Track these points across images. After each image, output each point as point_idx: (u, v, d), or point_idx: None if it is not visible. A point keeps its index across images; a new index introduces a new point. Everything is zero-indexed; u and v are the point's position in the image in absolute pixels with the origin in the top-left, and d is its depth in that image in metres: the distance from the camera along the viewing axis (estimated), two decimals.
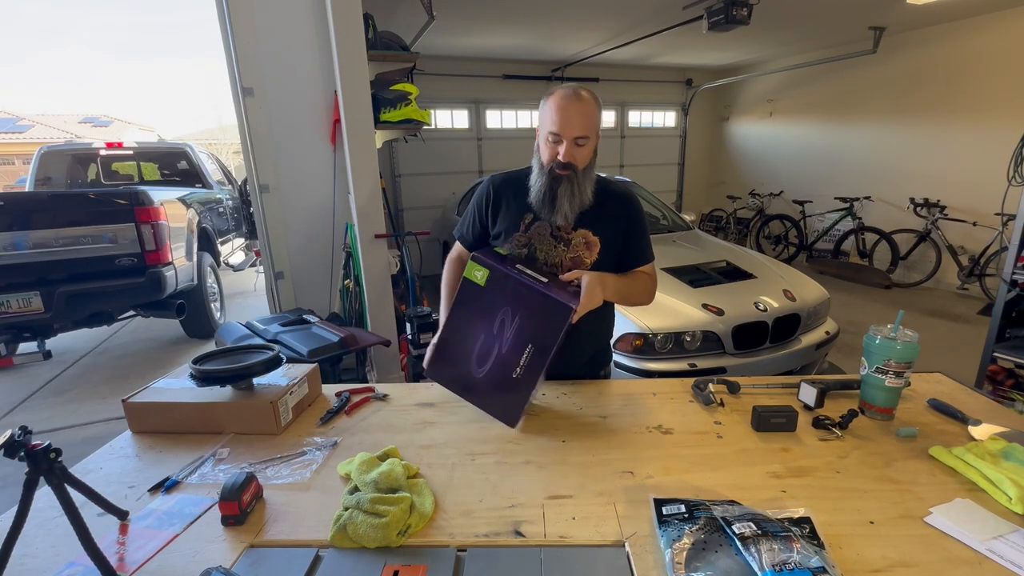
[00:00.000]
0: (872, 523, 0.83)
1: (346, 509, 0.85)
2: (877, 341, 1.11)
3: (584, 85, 1.26)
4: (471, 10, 4.51)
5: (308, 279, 3.45)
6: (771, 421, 1.10)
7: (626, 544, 0.79)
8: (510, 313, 1.10)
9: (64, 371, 3.89)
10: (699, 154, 8.84)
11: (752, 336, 2.53)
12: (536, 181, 1.30)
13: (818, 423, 1.11)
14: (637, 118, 8.32)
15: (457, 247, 1.48)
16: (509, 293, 1.11)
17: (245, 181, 4.24)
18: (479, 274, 1.15)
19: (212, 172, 5.98)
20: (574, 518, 0.85)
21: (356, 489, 0.90)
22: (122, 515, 0.87)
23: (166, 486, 0.96)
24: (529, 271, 1.15)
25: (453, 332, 1.19)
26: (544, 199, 1.28)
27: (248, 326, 2.71)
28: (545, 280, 1.12)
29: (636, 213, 1.38)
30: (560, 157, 1.23)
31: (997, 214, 4.60)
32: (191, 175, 5.68)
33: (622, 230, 1.36)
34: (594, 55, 6.50)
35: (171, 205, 3.97)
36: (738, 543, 0.73)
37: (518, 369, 1.10)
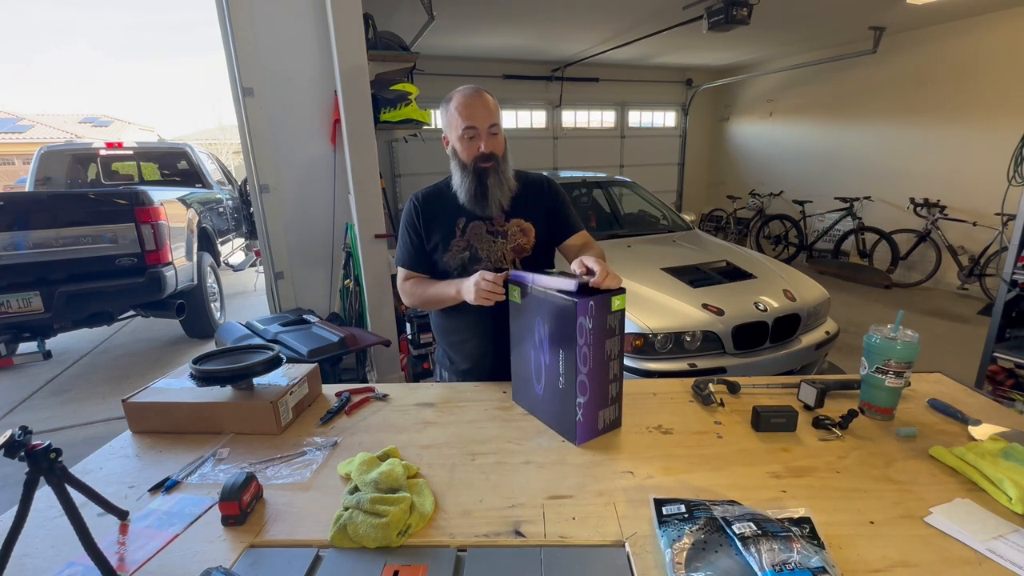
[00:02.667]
0: (872, 523, 0.83)
1: (346, 509, 0.85)
2: (877, 341, 1.11)
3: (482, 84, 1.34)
4: (471, 10, 4.52)
5: (308, 279, 3.45)
6: (771, 421, 1.10)
7: (626, 544, 0.79)
8: (540, 323, 1.10)
9: (64, 371, 3.89)
10: (699, 154, 8.84)
11: (752, 336, 2.53)
12: (462, 182, 1.34)
13: (818, 423, 1.11)
14: (637, 118, 8.33)
15: (403, 272, 1.47)
16: (535, 303, 1.11)
17: (245, 181, 4.24)
18: (516, 292, 1.17)
19: (212, 172, 5.98)
20: (574, 518, 0.85)
21: (356, 489, 0.90)
22: (122, 515, 0.87)
23: (166, 486, 0.96)
24: (555, 276, 1.14)
25: (516, 357, 1.23)
26: (475, 195, 1.33)
27: (248, 326, 2.71)
28: (568, 283, 1.09)
29: (555, 191, 1.48)
30: (482, 148, 1.29)
31: (997, 214, 4.60)
32: (191, 175, 5.68)
33: (547, 213, 1.43)
34: (594, 55, 6.50)
35: (171, 205, 3.97)
36: (738, 543, 0.73)
37: (560, 378, 1.08)
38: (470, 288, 1.23)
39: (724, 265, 3.04)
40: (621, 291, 1.05)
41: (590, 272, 1.07)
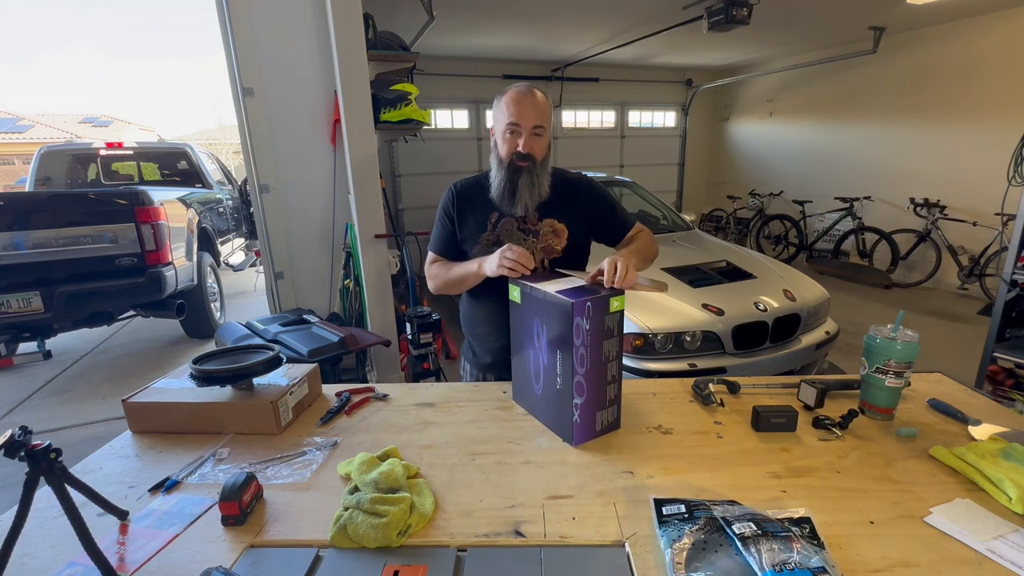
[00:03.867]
0: (872, 523, 0.83)
1: (346, 509, 0.85)
2: (877, 341, 1.11)
3: (534, 83, 1.33)
4: (471, 10, 4.51)
5: (308, 279, 3.45)
6: (771, 421, 1.10)
7: (626, 544, 0.79)
8: (539, 323, 1.09)
9: (64, 371, 3.89)
10: (699, 154, 8.84)
11: (752, 336, 2.53)
12: (496, 176, 1.35)
13: (818, 423, 1.11)
14: (637, 118, 8.33)
15: (432, 256, 1.49)
16: (534, 303, 1.10)
17: (245, 181, 4.24)
18: (516, 293, 1.16)
19: (212, 172, 5.98)
20: (574, 518, 0.85)
21: (356, 489, 0.90)
22: (122, 515, 0.87)
23: (166, 486, 0.96)
24: (555, 278, 1.14)
25: (516, 357, 1.22)
26: (504, 192, 1.33)
27: (248, 326, 2.71)
28: (572, 285, 1.08)
29: (596, 193, 1.45)
30: (520, 148, 1.28)
31: (997, 214, 4.60)
32: (191, 175, 5.68)
33: (587, 213, 1.42)
34: (594, 55, 6.50)
35: (171, 205, 3.97)
36: (738, 543, 0.73)
37: (558, 379, 1.07)
38: (493, 259, 1.22)
39: (724, 265, 3.04)
40: (620, 292, 1.05)
41: (598, 279, 1.08)
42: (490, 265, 1.23)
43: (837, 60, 6.07)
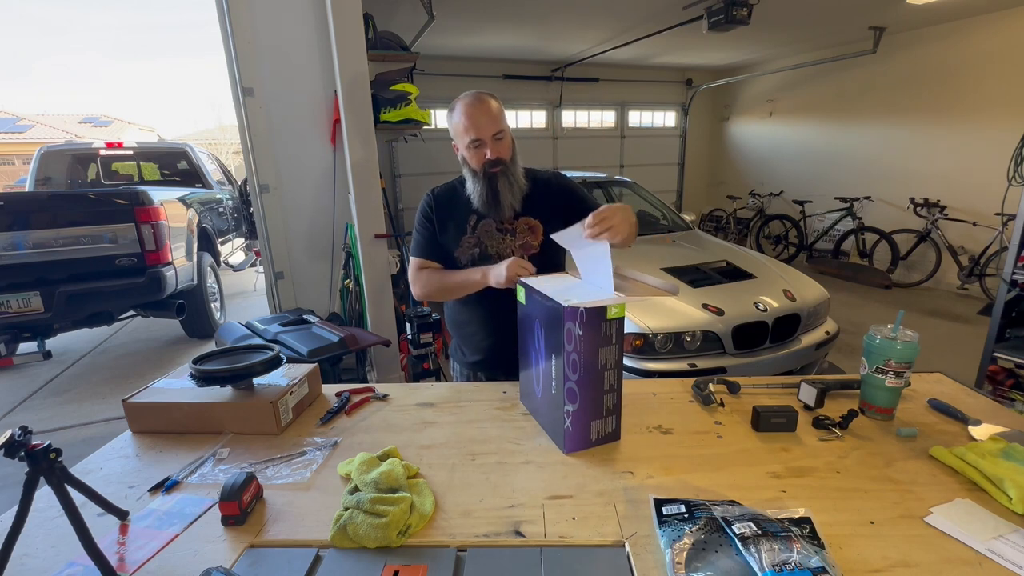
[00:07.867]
0: (872, 523, 0.83)
1: (346, 509, 0.85)
2: (877, 341, 1.11)
3: (479, 90, 1.36)
4: (471, 10, 4.52)
5: (308, 279, 3.45)
6: (771, 421, 1.10)
7: (626, 544, 0.79)
8: (538, 325, 1.07)
9: (64, 371, 3.89)
10: (699, 154, 8.85)
11: (752, 336, 2.53)
12: (474, 187, 1.39)
13: (818, 423, 1.11)
14: (637, 118, 8.33)
15: (417, 262, 1.50)
16: (535, 304, 1.08)
17: (245, 181, 4.24)
18: (521, 292, 1.15)
19: (212, 172, 5.99)
20: (574, 518, 0.85)
21: (356, 489, 0.90)
22: (122, 515, 0.87)
23: (166, 486, 0.96)
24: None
25: (522, 358, 1.21)
26: (488, 200, 1.37)
27: (248, 326, 2.71)
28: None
29: (567, 187, 1.50)
30: (488, 156, 1.33)
31: (997, 214, 4.60)
32: (191, 175, 5.68)
33: (560, 207, 1.45)
34: (594, 55, 6.50)
35: (171, 205, 3.97)
36: (738, 543, 0.73)
37: (552, 384, 1.04)
38: (500, 272, 1.26)
39: (724, 265, 3.04)
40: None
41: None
42: (496, 276, 1.28)
43: (837, 60, 6.07)
